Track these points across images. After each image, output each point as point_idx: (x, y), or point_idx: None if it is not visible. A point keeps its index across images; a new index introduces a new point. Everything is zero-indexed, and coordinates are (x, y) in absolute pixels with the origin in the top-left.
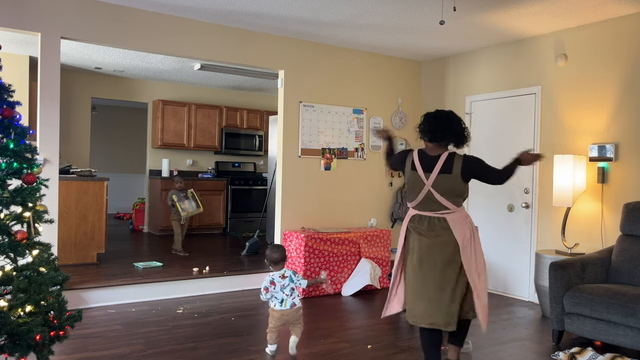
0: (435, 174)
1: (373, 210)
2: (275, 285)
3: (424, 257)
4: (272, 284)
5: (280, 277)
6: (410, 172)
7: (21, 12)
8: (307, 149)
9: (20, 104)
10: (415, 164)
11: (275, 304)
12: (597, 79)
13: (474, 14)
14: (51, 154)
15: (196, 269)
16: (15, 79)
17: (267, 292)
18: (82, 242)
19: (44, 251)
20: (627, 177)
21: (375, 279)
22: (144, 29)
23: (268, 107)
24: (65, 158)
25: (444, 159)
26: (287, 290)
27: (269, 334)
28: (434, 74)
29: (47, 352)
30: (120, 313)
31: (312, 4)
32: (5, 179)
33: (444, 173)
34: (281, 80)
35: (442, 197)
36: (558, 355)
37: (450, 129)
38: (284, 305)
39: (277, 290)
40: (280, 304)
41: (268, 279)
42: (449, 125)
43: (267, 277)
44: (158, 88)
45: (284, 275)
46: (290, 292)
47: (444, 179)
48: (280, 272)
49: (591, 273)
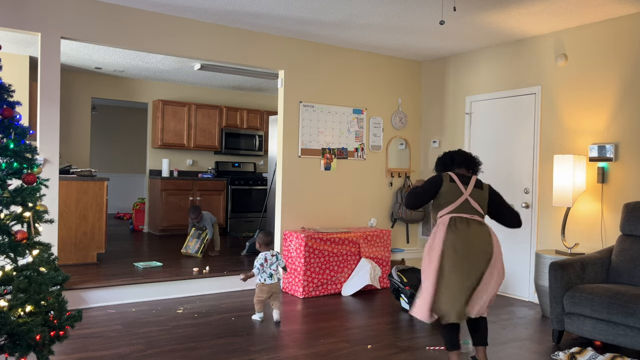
0: (471, 186)
1: (373, 210)
2: (267, 262)
3: (467, 250)
4: (266, 261)
5: (271, 255)
6: (448, 184)
7: (21, 12)
8: (307, 149)
9: (20, 104)
10: (454, 179)
11: (265, 279)
12: (597, 79)
13: (474, 14)
14: (51, 154)
15: (196, 269)
16: (15, 79)
17: (262, 268)
18: (82, 242)
19: (44, 251)
20: (627, 177)
21: (375, 279)
22: (144, 29)
23: (268, 107)
24: (65, 158)
25: (475, 179)
26: (274, 267)
27: (257, 304)
28: (434, 74)
29: (47, 352)
30: (120, 313)
31: (312, 4)
32: (5, 179)
33: (477, 188)
34: (281, 80)
35: (476, 204)
36: (558, 355)
37: (477, 161)
38: (273, 279)
39: (267, 266)
40: (270, 278)
41: (262, 257)
42: (475, 159)
43: (260, 256)
44: (158, 88)
45: (273, 254)
46: (276, 269)
47: (477, 192)
48: (270, 252)
49: (591, 273)
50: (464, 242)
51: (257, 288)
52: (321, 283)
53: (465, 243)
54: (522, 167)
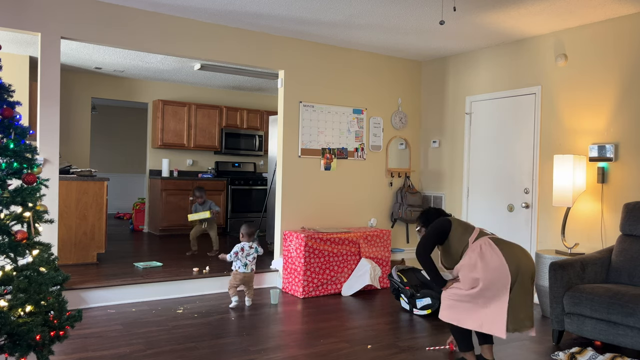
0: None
1: (373, 210)
2: (244, 251)
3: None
4: (242, 250)
5: (249, 247)
6: (455, 221)
7: (21, 12)
8: (307, 149)
9: (20, 104)
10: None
11: (240, 267)
12: (597, 79)
13: (474, 14)
14: (51, 154)
15: (196, 269)
16: (15, 79)
17: (236, 256)
18: (82, 242)
19: (44, 251)
20: (627, 177)
21: (375, 279)
22: (144, 29)
23: (268, 107)
24: (65, 158)
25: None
26: (250, 258)
27: (230, 290)
28: (434, 74)
29: (47, 352)
30: (120, 313)
31: (312, 4)
32: (5, 179)
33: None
34: (281, 80)
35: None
36: (558, 355)
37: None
38: (246, 269)
39: (244, 256)
40: (244, 267)
41: (239, 247)
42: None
43: (238, 245)
44: (158, 88)
45: (251, 246)
46: (252, 260)
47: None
48: (249, 243)
49: (591, 273)
50: (516, 255)
51: (232, 275)
52: (321, 283)
53: (518, 257)
54: (522, 167)
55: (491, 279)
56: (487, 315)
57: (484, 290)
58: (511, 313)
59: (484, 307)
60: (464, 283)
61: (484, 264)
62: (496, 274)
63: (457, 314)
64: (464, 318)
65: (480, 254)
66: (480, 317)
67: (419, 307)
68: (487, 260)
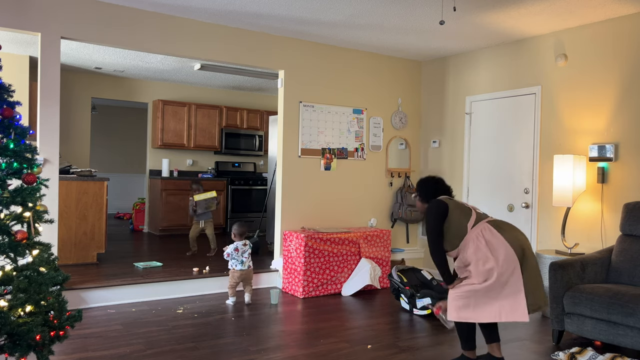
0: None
1: (373, 210)
2: (238, 251)
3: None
4: (236, 250)
5: (242, 245)
6: (452, 203)
7: (21, 12)
8: (307, 149)
9: (20, 104)
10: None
11: (237, 265)
12: (597, 79)
13: (474, 14)
14: (51, 154)
15: (196, 269)
16: (15, 79)
17: (229, 257)
18: (82, 242)
19: (44, 251)
20: (627, 177)
21: (375, 279)
22: (144, 29)
23: (268, 107)
24: (65, 158)
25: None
26: (246, 255)
27: (230, 289)
28: (434, 74)
29: (47, 352)
30: (120, 313)
31: (312, 4)
32: (5, 179)
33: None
34: (281, 80)
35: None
36: (558, 355)
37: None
38: (243, 265)
39: (239, 255)
40: (241, 265)
41: (233, 247)
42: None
43: (232, 245)
44: (158, 88)
45: (245, 244)
46: (248, 257)
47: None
48: (242, 242)
49: (591, 273)
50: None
51: (230, 274)
52: (321, 283)
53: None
54: (522, 167)
55: (503, 266)
56: (504, 305)
57: (499, 278)
58: (529, 295)
59: (500, 297)
60: (476, 276)
61: (494, 254)
62: (506, 261)
63: (471, 311)
64: (479, 313)
65: (488, 245)
66: (497, 307)
67: (419, 307)
68: (495, 249)
